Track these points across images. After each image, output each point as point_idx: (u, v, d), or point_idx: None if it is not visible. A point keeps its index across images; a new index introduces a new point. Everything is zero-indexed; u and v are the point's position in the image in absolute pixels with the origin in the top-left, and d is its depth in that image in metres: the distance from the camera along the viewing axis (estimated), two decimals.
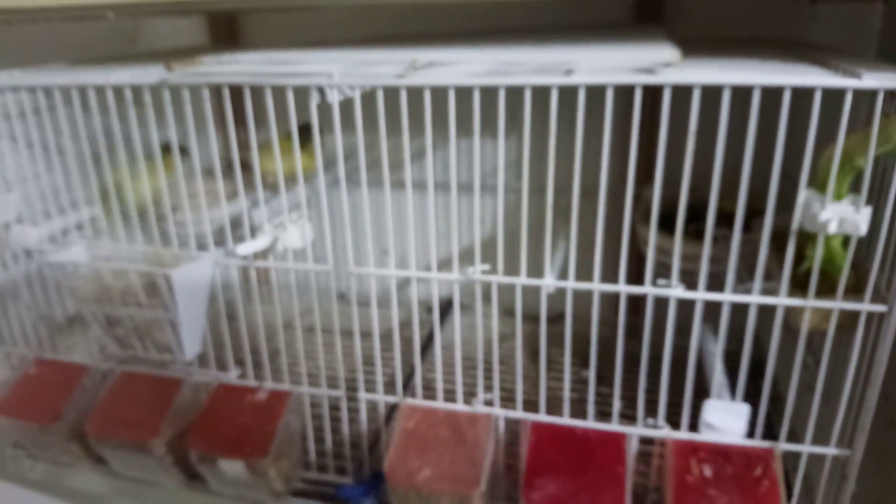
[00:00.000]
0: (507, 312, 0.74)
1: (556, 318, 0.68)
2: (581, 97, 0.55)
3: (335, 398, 0.77)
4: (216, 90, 0.66)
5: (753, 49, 0.77)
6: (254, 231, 0.75)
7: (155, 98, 0.69)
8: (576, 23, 1.02)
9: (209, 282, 0.73)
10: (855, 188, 0.57)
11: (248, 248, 0.69)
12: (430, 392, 0.75)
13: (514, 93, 0.57)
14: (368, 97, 0.62)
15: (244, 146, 0.88)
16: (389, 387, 0.77)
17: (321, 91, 0.61)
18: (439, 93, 0.58)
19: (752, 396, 0.65)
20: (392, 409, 0.78)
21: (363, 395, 0.76)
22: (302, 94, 0.62)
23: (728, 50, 0.73)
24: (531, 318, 0.68)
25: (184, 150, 0.73)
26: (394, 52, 0.68)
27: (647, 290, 0.61)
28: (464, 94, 0.58)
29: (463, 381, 0.73)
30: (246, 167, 0.80)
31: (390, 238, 0.68)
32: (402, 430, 0.70)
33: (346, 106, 0.62)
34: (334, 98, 0.61)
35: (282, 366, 0.78)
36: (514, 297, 0.67)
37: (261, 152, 0.71)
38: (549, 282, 0.65)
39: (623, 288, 0.62)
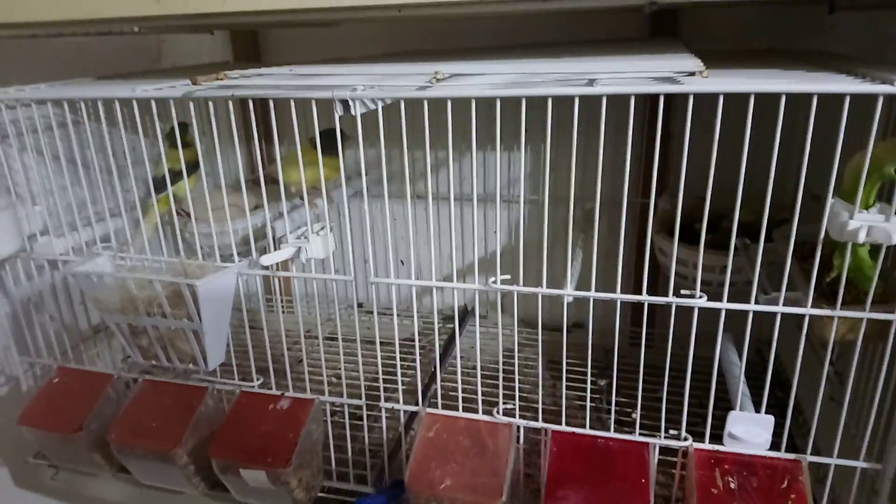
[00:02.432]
0: (521, 322, 0.74)
1: (569, 329, 0.68)
2: (603, 107, 0.55)
3: (356, 407, 0.77)
4: (240, 104, 0.67)
5: (772, 60, 0.77)
6: (276, 242, 0.76)
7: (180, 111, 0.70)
8: (593, 38, 1.03)
9: (233, 292, 0.74)
10: (881, 197, 0.57)
11: (271, 258, 0.69)
12: (449, 401, 0.75)
13: (533, 105, 0.57)
14: (389, 109, 0.63)
15: (268, 159, 0.89)
16: (409, 395, 0.77)
17: (345, 103, 0.62)
18: (459, 105, 0.59)
19: (769, 408, 0.64)
20: (411, 417, 0.78)
21: (384, 404, 0.76)
22: (325, 106, 0.63)
23: (746, 62, 0.73)
24: (545, 327, 0.68)
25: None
26: (415, 65, 0.69)
27: (671, 300, 0.61)
28: (482, 106, 0.59)
29: (482, 390, 0.73)
30: (270, 179, 0.81)
31: (410, 248, 0.69)
32: (423, 440, 0.70)
33: (367, 118, 0.63)
34: (357, 110, 0.61)
35: (304, 374, 0.78)
36: (528, 306, 0.67)
37: (284, 164, 0.72)
38: (569, 292, 0.65)
39: (646, 298, 0.62)
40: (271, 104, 0.65)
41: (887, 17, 0.92)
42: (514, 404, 0.71)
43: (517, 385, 0.70)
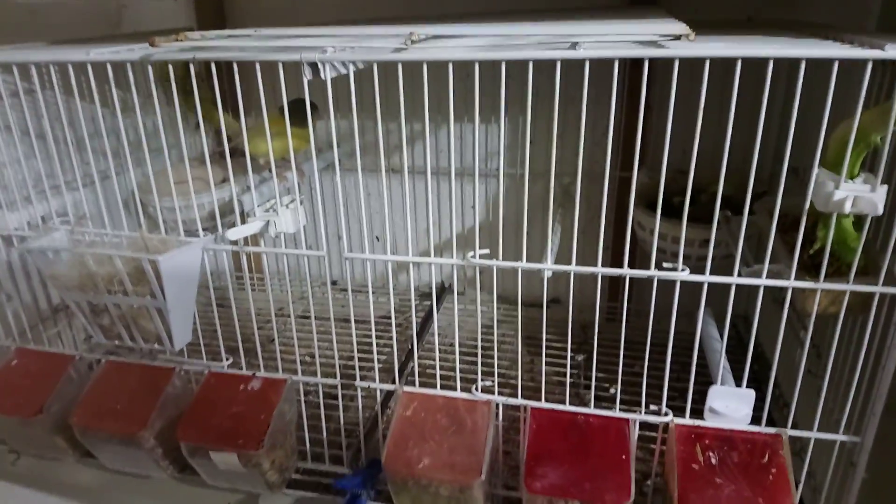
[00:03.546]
0: (498, 298, 0.72)
1: (547, 305, 0.66)
2: (586, 71, 0.53)
3: (330, 386, 0.75)
4: (205, 69, 0.63)
5: (753, 29, 0.76)
6: (245, 216, 0.73)
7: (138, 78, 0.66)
8: (571, 5, 1.00)
9: (198, 268, 0.71)
10: (864, 167, 0.55)
11: (238, 232, 0.66)
12: (427, 379, 0.73)
13: (511, 73, 0.55)
14: (362, 75, 0.60)
15: (234, 128, 0.85)
16: (386, 374, 0.75)
17: (314, 67, 0.58)
18: (435, 71, 0.56)
19: (748, 382, 0.64)
20: (388, 396, 0.76)
21: (359, 383, 0.74)
22: (293, 71, 0.60)
23: (727, 30, 0.71)
24: (523, 303, 0.66)
25: None
26: (390, 28, 0.66)
27: (653, 273, 0.60)
28: (458, 73, 0.56)
29: (460, 367, 0.71)
30: (237, 151, 0.77)
31: (385, 223, 0.66)
32: (400, 418, 0.68)
33: (338, 86, 0.59)
34: (327, 74, 0.58)
35: (276, 354, 0.75)
36: (505, 282, 0.65)
37: (251, 134, 0.69)
38: (550, 266, 0.64)
39: (627, 271, 0.60)
40: (235, 68, 0.61)
41: None
42: (493, 381, 0.69)
43: (496, 362, 0.68)
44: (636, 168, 0.58)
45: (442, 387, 0.70)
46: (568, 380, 0.68)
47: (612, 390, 0.92)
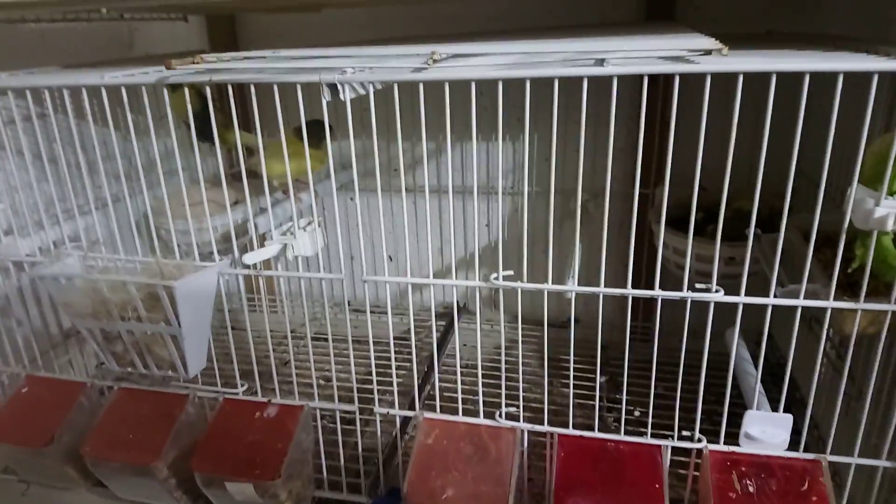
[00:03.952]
0: (515, 318, 0.70)
1: (562, 324, 0.64)
2: (614, 88, 0.51)
3: (347, 412, 0.73)
4: (217, 91, 0.62)
5: (776, 43, 0.74)
6: (260, 239, 0.71)
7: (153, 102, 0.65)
8: (587, 22, 0.99)
9: (213, 293, 0.69)
10: None
11: (255, 256, 0.64)
12: (446, 402, 0.71)
13: (534, 89, 0.53)
14: (382, 95, 0.58)
15: (249, 151, 0.84)
16: (403, 397, 0.73)
17: (333, 88, 0.57)
18: (455, 90, 0.55)
19: (777, 404, 0.61)
20: (406, 420, 0.74)
21: (378, 409, 0.72)
22: (310, 92, 0.58)
23: (749, 44, 0.70)
24: (539, 322, 0.64)
25: None
26: (408, 48, 0.64)
27: (687, 294, 0.57)
28: (477, 91, 0.54)
29: (482, 391, 0.69)
30: (251, 173, 0.76)
31: (406, 243, 0.64)
32: (421, 447, 0.66)
33: (357, 106, 0.58)
34: (347, 95, 0.57)
35: (291, 379, 0.73)
36: (523, 301, 0.63)
37: (266, 155, 0.67)
38: (575, 287, 0.62)
39: (660, 293, 0.58)
40: (252, 90, 0.60)
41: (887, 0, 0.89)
42: (518, 406, 0.67)
43: (521, 385, 0.66)
44: (667, 184, 0.56)
45: (463, 412, 0.68)
46: (597, 403, 0.66)
47: (637, 413, 0.90)
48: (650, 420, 0.65)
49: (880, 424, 0.62)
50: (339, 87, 0.57)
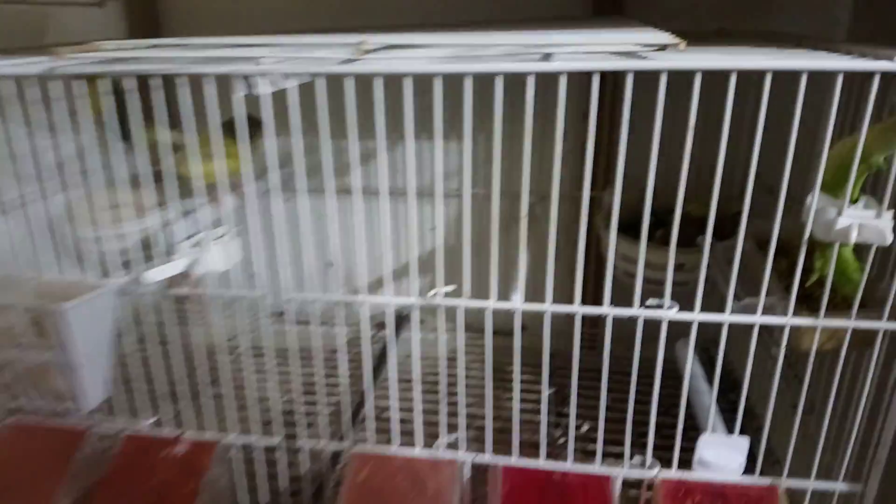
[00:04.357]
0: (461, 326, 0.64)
1: (509, 332, 0.58)
2: (562, 86, 0.46)
3: (269, 446, 0.66)
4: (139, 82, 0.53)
5: (728, 40, 0.71)
6: (170, 250, 0.63)
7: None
8: (532, 15, 0.95)
9: (113, 314, 0.61)
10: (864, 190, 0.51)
11: (158, 273, 0.56)
12: (382, 424, 0.64)
13: (480, 83, 0.48)
14: (307, 89, 0.52)
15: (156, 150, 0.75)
16: (335, 423, 0.66)
17: (247, 81, 0.50)
18: (389, 84, 0.49)
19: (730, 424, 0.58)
20: (336, 454, 0.67)
21: (304, 442, 0.64)
22: (226, 86, 0.51)
23: (702, 41, 0.66)
24: (481, 330, 0.58)
25: None
26: (338, 36, 0.58)
27: (638, 312, 0.53)
28: (420, 85, 0.49)
29: (422, 411, 0.63)
30: (175, 174, 0.67)
31: (337, 251, 0.57)
32: (352, 486, 0.59)
33: (280, 101, 0.51)
34: (264, 89, 0.50)
35: (205, 410, 0.65)
36: (469, 312, 0.57)
37: (182, 156, 0.59)
38: (520, 305, 0.56)
39: (609, 310, 0.54)
40: (155, 83, 0.52)
41: (836, 1, 0.88)
42: (458, 437, 0.61)
43: (463, 411, 0.60)
44: (618, 189, 0.51)
45: (401, 442, 0.62)
46: (543, 438, 0.60)
47: (585, 428, 0.85)
48: (600, 446, 0.60)
49: (834, 444, 0.59)
50: (255, 79, 0.50)
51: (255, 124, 0.67)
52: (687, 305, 0.54)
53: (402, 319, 1.08)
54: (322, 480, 0.68)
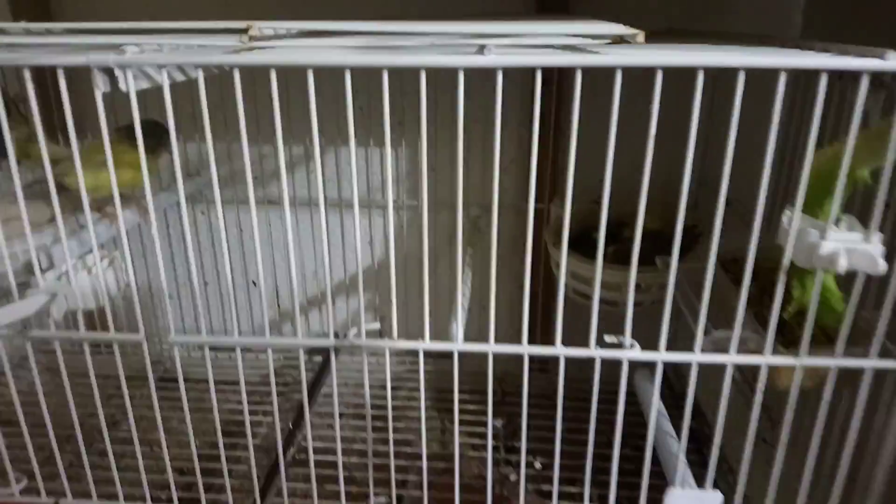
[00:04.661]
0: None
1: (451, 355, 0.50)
2: (499, 83, 0.38)
3: None
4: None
5: (682, 39, 0.64)
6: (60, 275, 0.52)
7: None
8: (468, 12, 0.87)
9: None
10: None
11: (7, 314, 0.45)
12: (301, 493, 0.54)
13: (404, 80, 0.39)
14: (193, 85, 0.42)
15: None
16: (245, 483, 0.56)
17: (110, 74, 0.40)
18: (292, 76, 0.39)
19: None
20: None
21: None
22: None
23: (653, 40, 0.59)
24: (431, 354, 0.49)
25: None
26: (226, 22, 0.48)
27: (594, 352, 0.45)
28: (326, 79, 0.39)
29: (344, 475, 0.54)
30: (61, 186, 0.56)
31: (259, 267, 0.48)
32: None
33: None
34: (130, 84, 0.40)
35: (86, 471, 0.54)
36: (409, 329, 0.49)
37: (69, 164, 0.48)
38: (458, 346, 0.48)
39: (562, 350, 0.45)
40: (27, 76, 0.42)
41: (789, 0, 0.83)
42: (390, 496, 0.52)
43: (392, 469, 0.51)
44: (568, 200, 0.43)
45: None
46: (489, 482, 0.52)
47: (538, 465, 0.78)
48: (556, 489, 0.52)
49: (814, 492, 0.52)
50: (119, 72, 0.40)
51: (161, 130, 0.57)
52: (644, 332, 0.46)
53: (326, 358, 0.98)
54: None
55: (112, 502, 0.54)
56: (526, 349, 0.46)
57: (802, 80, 0.54)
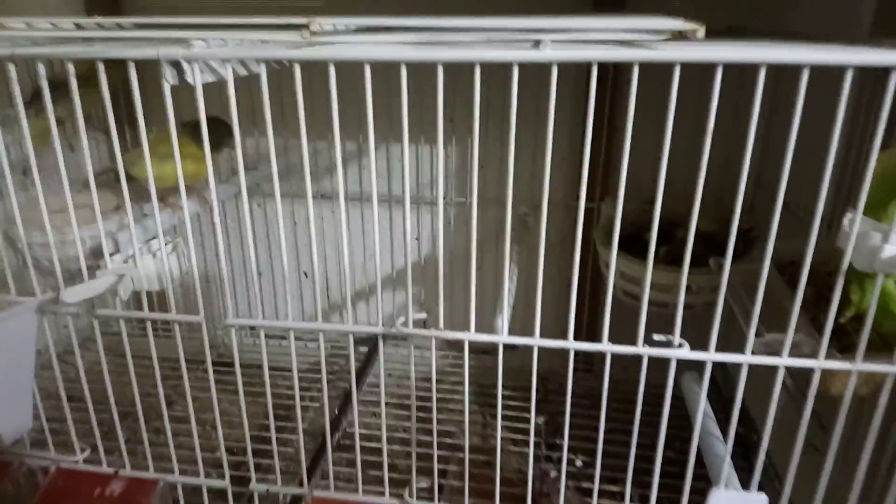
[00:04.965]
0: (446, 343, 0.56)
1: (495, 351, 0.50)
2: (553, 78, 0.38)
3: (218, 489, 0.57)
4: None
5: (744, 36, 0.63)
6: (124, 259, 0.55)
7: None
8: (526, 9, 0.86)
9: (33, 336, 0.52)
10: None
11: (78, 293, 0.48)
12: (347, 469, 0.56)
13: (458, 74, 0.40)
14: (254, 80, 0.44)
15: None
16: (293, 465, 0.58)
17: (177, 67, 0.42)
18: (348, 72, 0.41)
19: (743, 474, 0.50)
20: (294, 499, 0.59)
21: (256, 486, 0.56)
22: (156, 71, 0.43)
23: (713, 39, 0.58)
24: (472, 349, 0.50)
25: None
26: (289, 17, 0.49)
27: (642, 350, 0.45)
28: (380, 75, 0.40)
29: (388, 462, 0.55)
30: (129, 175, 0.59)
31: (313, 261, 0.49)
32: None
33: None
34: (197, 77, 0.42)
35: (144, 446, 0.57)
36: (453, 323, 0.49)
37: (135, 155, 0.51)
38: (503, 338, 0.48)
39: (608, 347, 0.45)
40: (70, 68, 0.44)
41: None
42: (433, 479, 0.53)
43: (435, 457, 0.52)
44: (620, 199, 0.43)
45: (365, 489, 0.54)
46: (530, 479, 0.52)
47: (579, 463, 0.77)
48: (596, 488, 0.52)
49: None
50: (185, 65, 0.42)
51: (223, 127, 0.59)
52: (694, 333, 0.46)
53: (374, 345, 1.00)
54: None
55: (166, 474, 0.57)
56: (572, 344, 0.46)
57: (871, 80, 0.53)
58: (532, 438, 0.52)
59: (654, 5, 0.84)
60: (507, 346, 0.46)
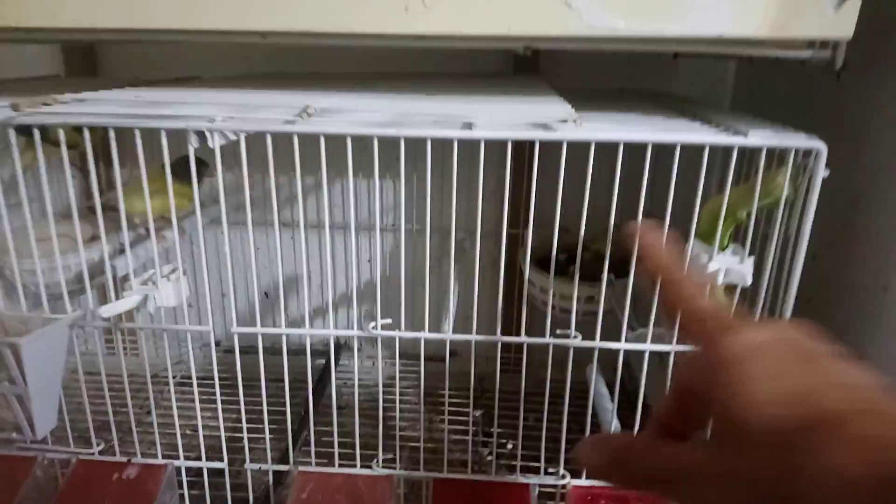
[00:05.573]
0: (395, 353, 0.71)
1: (442, 358, 0.65)
2: (482, 150, 0.55)
3: (217, 470, 0.70)
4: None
5: (627, 101, 0.82)
6: (119, 283, 0.67)
7: None
8: (459, 70, 1.03)
9: (65, 348, 0.64)
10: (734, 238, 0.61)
11: (112, 309, 0.60)
12: (325, 448, 0.70)
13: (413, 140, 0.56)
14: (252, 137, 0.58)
15: (107, 184, 0.78)
16: (279, 444, 0.71)
17: (201, 135, 0.56)
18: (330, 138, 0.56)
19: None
20: (280, 474, 0.72)
21: (249, 466, 0.69)
22: (177, 135, 0.57)
23: (603, 102, 0.76)
24: (419, 356, 0.65)
25: None
26: (280, 95, 0.64)
27: (548, 340, 0.61)
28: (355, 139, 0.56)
29: (360, 434, 0.69)
30: (108, 208, 0.71)
31: (280, 282, 0.63)
32: (297, 501, 0.64)
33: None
34: (216, 143, 0.56)
35: (154, 436, 0.69)
36: (404, 340, 0.64)
37: (128, 191, 0.64)
38: (449, 335, 0.64)
39: (525, 339, 0.62)
40: (111, 132, 0.57)
41: (721, 66, 1.02)
42: (395, 452, 0.67)
43: (398, 433, 0.67)
44: (530, 228, 0.60)
45: (340, 462, 0.68)
46: (470, 439, 0.68)
47: (510, 446, 0.93)
48: (520, 453, 0.68)
49: None
50: (208, 134, 0.56)
51: (201, 164, 0.72)
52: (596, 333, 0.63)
53: (339, 348, 1.14)
54: (266, 497, 0.73)
55: (173, 459, 0.69)
56: (500, 338, 0.62)
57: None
58: (471, 428, 0.68)
59: (561, 69, 1.03)
60: (451, 353, 0.60)
